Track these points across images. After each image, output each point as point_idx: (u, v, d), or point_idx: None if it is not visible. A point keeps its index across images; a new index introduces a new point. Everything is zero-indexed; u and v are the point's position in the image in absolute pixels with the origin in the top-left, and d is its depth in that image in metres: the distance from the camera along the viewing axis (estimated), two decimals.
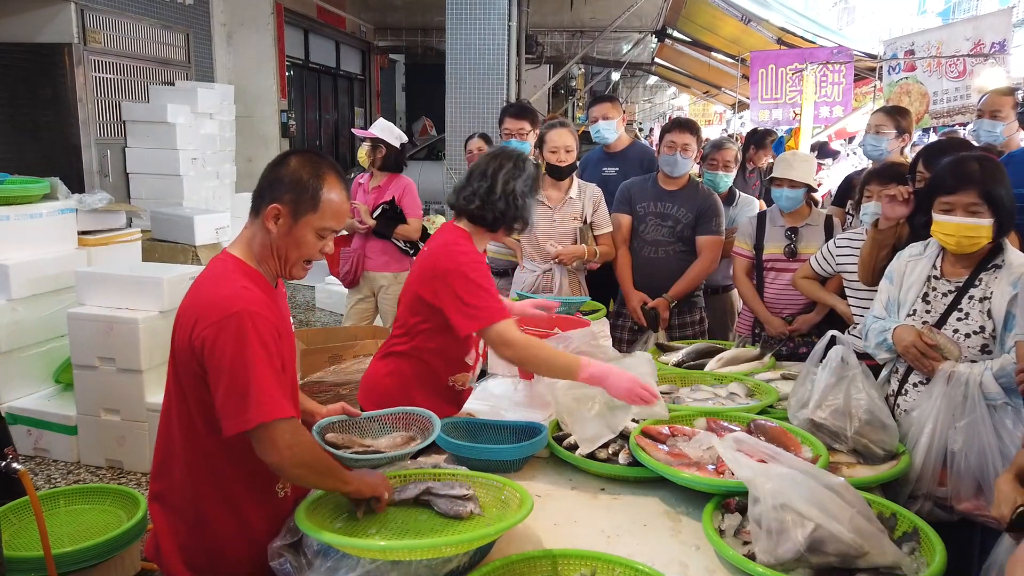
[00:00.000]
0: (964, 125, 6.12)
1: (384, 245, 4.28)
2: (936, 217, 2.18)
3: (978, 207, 2.11)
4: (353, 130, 4.39)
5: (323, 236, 1.63)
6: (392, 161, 4.30)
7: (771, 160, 6.00)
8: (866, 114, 7.80)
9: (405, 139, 4.41)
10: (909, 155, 3.73)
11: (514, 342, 2.07)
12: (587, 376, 1.98)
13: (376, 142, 4.24)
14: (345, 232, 4.56)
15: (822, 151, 9.83)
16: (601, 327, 2.33)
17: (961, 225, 2.13)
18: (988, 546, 2.00)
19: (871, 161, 3.68)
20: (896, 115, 3.56)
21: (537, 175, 2.35)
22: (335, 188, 1.62)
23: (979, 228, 2.12)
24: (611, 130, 4.03)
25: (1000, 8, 7.32)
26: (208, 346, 1.49)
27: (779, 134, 9.42)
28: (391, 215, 4.23)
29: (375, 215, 4.23)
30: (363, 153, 4.28)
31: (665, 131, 3.54)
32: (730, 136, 9.91)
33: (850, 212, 3.52)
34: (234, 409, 1.47)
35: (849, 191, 3.70)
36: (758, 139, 5.89)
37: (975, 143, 3.62)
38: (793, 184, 3.24)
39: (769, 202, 4.02)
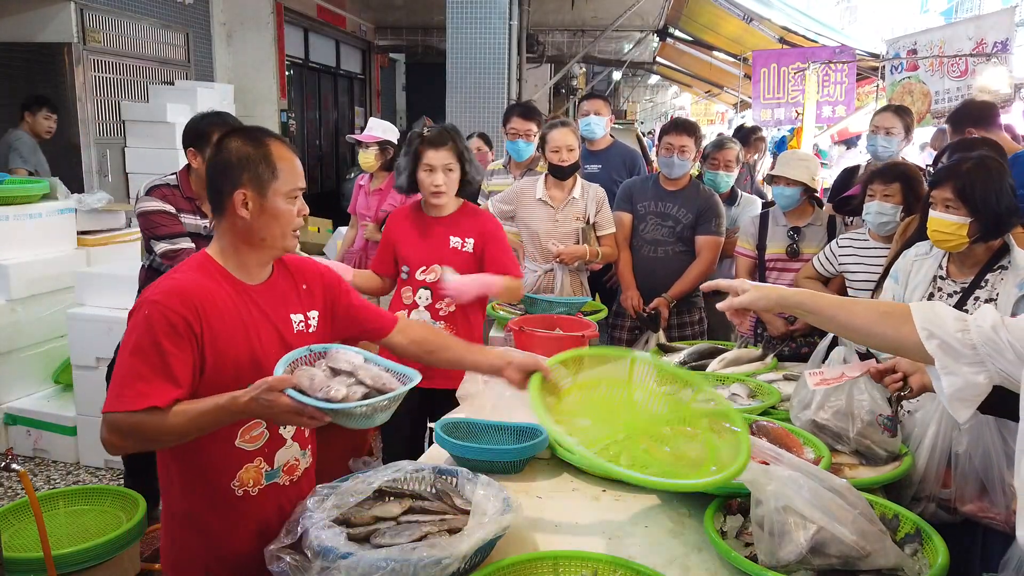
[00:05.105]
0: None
1: None
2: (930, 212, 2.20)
3: (951, 203, 2.11)
4: (353, 136, 4.27)
5: (294, 198, 1.63)
6: (393, 160, 4.26)
7: (758, 157, 6.07)
8: (868, 114, 7.80)
9: (398, 133, 4.37)
10: (912, 155, 3.76)
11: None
12: None
13: (384, 144, 4.21)
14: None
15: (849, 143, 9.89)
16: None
17: (935, 219, 2.16)
18: (991, 547, 2.00)
19: (875, 161, 3.68)
20: (904, 115, 3.64)
21: (415, 136, 2.76)
22: (282, 148, 1.62)
23: (949, 224, 2.12)
24: (601, 126, 4.16)
25: (1003, 7, 7.30)
26: None
27: (781, 132, 9.43)
28: None
29: (383, 226, 4.13)
30: (372, 158, 4.17)
31: (663, 132, 3.55)
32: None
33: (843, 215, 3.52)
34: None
35: (844, 187, 3.70)
36: (744, 136, 5.92)
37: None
38: (788, 182, 3.24)
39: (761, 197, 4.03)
